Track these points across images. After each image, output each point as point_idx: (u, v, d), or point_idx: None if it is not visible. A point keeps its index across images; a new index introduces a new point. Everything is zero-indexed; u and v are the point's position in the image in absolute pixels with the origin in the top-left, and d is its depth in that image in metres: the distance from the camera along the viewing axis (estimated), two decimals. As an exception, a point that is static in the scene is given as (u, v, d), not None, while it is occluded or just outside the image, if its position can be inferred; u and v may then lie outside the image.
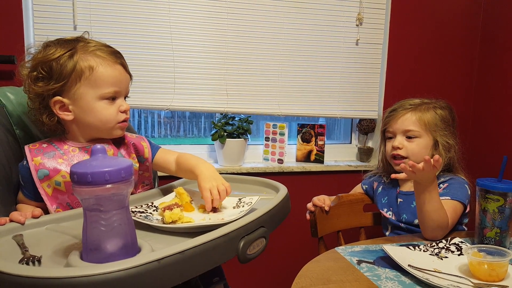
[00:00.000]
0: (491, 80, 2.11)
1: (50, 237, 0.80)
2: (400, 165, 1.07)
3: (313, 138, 2.04)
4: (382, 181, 1.38)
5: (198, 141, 2.11)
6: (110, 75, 0.96)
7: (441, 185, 1.20)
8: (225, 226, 0.75)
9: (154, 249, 0.70)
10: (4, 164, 1.00)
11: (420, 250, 0.99)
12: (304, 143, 2.06)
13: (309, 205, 1.32)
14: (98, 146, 0.67)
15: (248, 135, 1.93)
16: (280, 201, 0.91)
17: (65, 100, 0.95)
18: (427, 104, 1.28)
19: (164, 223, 0.84)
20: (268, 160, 2.02)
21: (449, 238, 1.07)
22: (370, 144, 2.16)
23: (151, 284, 0.61)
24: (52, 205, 0.97)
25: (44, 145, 0.99)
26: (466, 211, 1.20)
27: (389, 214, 1.30)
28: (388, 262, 0.93)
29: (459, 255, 0.97)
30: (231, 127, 1.89)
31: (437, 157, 1.00)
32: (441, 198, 1.12)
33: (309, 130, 2.04)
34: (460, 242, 1.04)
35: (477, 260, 0.86)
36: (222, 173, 1.76)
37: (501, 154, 1.08)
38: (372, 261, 0.95)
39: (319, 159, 2.03)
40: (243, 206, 0.92)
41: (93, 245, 0.66)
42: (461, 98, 2.18)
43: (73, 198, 0.98)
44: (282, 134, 1.97)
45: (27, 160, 0.96)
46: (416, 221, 1.21)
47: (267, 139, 2.01)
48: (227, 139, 1.85)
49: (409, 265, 0.88)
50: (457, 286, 0.81)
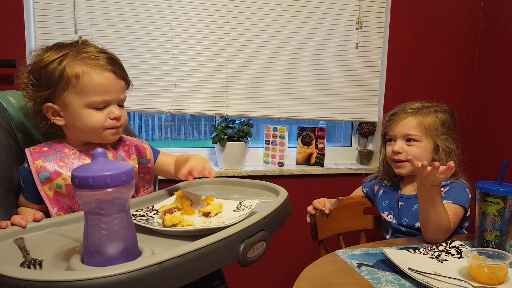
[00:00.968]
0: (491, 83, 2.11)
1: (51, 241, 0.80)
2: (408, 157, 1.10)
3: (313, 141, 2.04)
4: (383, 184, 1.38)
5: (198, 144, 2.12)
6: (97, 84, 0.94)
7: (442, 188, 1.20)
8: (225, 229, 0.75)
9: (154, 253, 0.70)
10: (6, 167, 1.01)
11: (420, 253, 0.99)
12: (305, 146, 2.06)
13: (310, 208, 1.32)
14: (99, 150, 0.68)
15: (249, 138, 1.93)
16: (280, 204, 0.92)
17: (56, 107, 0.97)
18: (428, 108, 1.28)
19: (164, 226, 0.84)
20: (269, 163, 2.02)
21: (449, 241, 1.07)
22: (370, 147, 2.16)
23: (151, 288, 0.61)
24: (54, 208, 0.97)
25: (45, 149, 1.00)
26: (467, 215, 1.21)
27: (390, 218, 1.31)
28: (388, 265, 0.93)
29: (459, 258, 0.98)
30: (232, 130, 1.90)
31: (452, 163, 0.98)
32: (443, 201, 1.12)
33: (309, 133, 2.05)
34: (460, 245, 1.04)
35: (477, 263, 0.86)
36: (223, 176, 1.77)
37: (501, 157, 1.08)
38: (372, 264, 0.95)
39: (320, 162, 2.03)
40: (243, 210, 0.92)
41: (94, 249, 0.66)
42: (461, 101, 2.18)
43: (74, 201, 0.98)
44: (282, 137, 1.97)
45: (28, 163, 0.97)
46: (417, 225, 1.21)
47: (267, 142, 2.02)
48: (227, 142, 1.86)
49: (409, 268, 0.88)
50: (457, 289, 0.81)
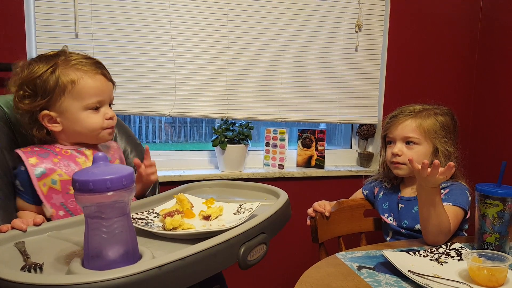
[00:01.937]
0: (490, 85, 2.11)
1: (51, 244, 0.80)
2: (408, 158, 1.10)
3: (314, 144, 2.04)
4: (383, 186, 1.38)
5: (199, 147, 2.12)
6: (92, 86, 1.00)
7: (442, 190, 1.20)
8: (226, 232, 0.75)
9: (155, 256, 0.70)
10: (6, 171, 1.01)
11: (420, 256, 1.00)
12: (305, 149, 2.06)
13: (310, 211, 1.33)
14: (100, 153, 0.68)
15: (249, 141, 1.93)
16: (280, 207, 0.92)
17: (52, 113, 1.00)
18: (428, 111, 1.28)
19: (165, 229, 0.84)
20: (269, 165, 2.02)
21: (449, 244, 1.07)
22: (370, 149, 2.16)
23: (152, 291, 0.61)
24: (48, 204, 0.98)
25: (36, 149, 1.02)
26: (467, 217, 1.21)
27: (390, 220, 1.31)
28: (389, 268, 0.93)
29: (459, 260, 0.98)
30: (232, 133, 1.90)
31: (452, 164, 0.99)
32: (443, 203, 1.12)
33: (310, 136, 2.05)
34: (460, 247, 1.05)
35: (477, 265, 0.86)
36: (223, 179, 1.77)
37: (501, 160, 1.08)
38: (372, 266, 0.95)
39: (320, 165, 2.03)
40: (243, 212, 0.93)
41: (94, 252, 0.66)
42: (460, 104, 2.19)
43: (68, 198, 0.99)
44: (282, 139, 1.97)
45: (23, 164, 0.97)
46: (417, 227, 1.21)
47: (267, 144, 2.02)
48: (227, 145, 1.86)
49: (409, 271, 0.88)
50: (457, 292, 0.81)
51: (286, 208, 0.96)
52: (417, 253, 1.01)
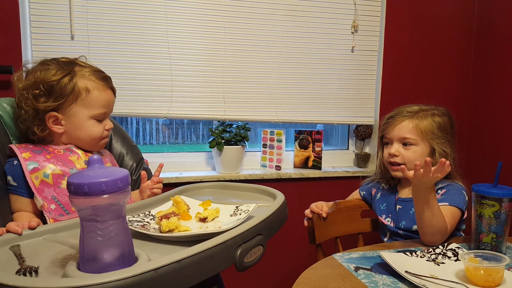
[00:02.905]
0: (486, 86, 2.12)
1: (47, 248, 0.80)
2: (401, 166, 1.11)
3: (311, 145, 2.04)
4: (381, 187, 1.38)
5: (196, 148, 2.12)
6: (103, 99, 1.09)
7: (439, 191, 1.20)
8: (222, 234, 0.75)
9: (151, 259, 0.70)
10: (1, 174, 1.01)
11: (417, 256, 1.00)
12: (302, 150, 2.06)
13: (307, 212, 1.32)
14: (95, 156, 0.68)
15: (246, 142, 1.93)
16: (277, 209, 0.92)
17: (59, 115, 1.06)
18: (425, 111, 1.28)
19: (161, 232, 0.84)
20: (266, 166, 2.02)
21: (445, 244, 1.07)
22: (367, 150, 2.16)
23: (148, 294, 0.61)
24: (39, 196, 0.99)
25: (30, 145, 1.06)
26: (464, 217, 1.21)
27: (388, 221, 1.31)
28: (386, 269, 0.93)
29: (455, 260, 0.98)
30: (229, 134, 1.90)
31: (443, 160, 1.01)
32: (439, 204, 1.12)
33: (307, 137, 2.05)
34: (456, 247, 1.05)
35: (473, 265, 0.87)
36: (220, 180, 1.77)
37: (497, 160, 1.09)
38: (369, 267, 0.95)
39: (317, 165, 2.04)
40: (240, 214, 0.92)
41: (90, 255, 0.66)
42: (456, 104, 2.19)
43: (59, 191, 1.01)
44: (279, 140, 1.97)
45: (17, 159, 1.00)
46: (415, 227, 1.22)
47: (264, 146, 2.02)
48: (224, 147, 1.86)
49: (406, 272, 0.88)
50: (454, 292, 0.81)
51: (283, 210, 0.96)
52: (414, 253, 1.01)
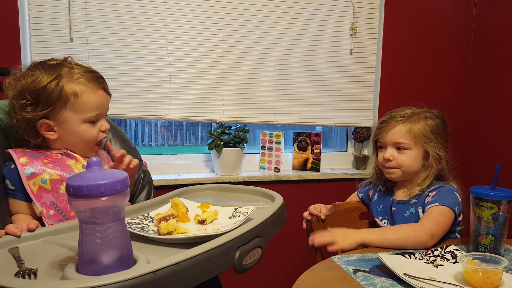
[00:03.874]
0: (484, 87, 2.13)
1: (46, 250, 0.80)
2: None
3: (309, 147, 2.05)
4: (378, 189, 1.39)
5: (194, 150, 2.12)
6: (93, 101, 1.04)
7: (430, 193, 1.21)
8: (221, 236, 0.75)
9: (149, 261, 0.70)
10: (0, 178, 1.01)
11: (416, 258, 1.00)
12: (300, 152, 2.07)
13: (306, 214, 1.33)
14: (94, 159, 0.68)
15: (245, 144, 1.93)
16: (276, 211, 0.92)
17: (51, 122, 1.03)
18: (418, 115, 1.28)
19: (159, 234, 0.84)
20: (265, 168, 2.03)
21: (444, 246, 1.07)
22: (365, 152, 2.17)
23: (147, 296, 0.61)
24: (37, 202, 0.98)
25: (28, 150, 1.04)
26: (459, 219, 1.21)
27: (384, 222, 1.31)
28: (384, 271, 0.93)
29: (454, 263, 0.98)
30: (228, 136, 1.90)
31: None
32: (430, 205, 1.15)
33: (305, 139, 2.05)
34: (455, 250, 1.05)
35: (472, 268, 0.87)
36: (219, 182, 1.77)
37: (495, 162, 1.09)
38: (368, 270, 0.95)
39: (316, 167, 2.04)
40: (238, 216, 0.93)
41: (88, 258, 0.66)
42: (454, 106, 2.20)
43: (58, 197, 1.00)
44: (278, 142, 1.97)
45: (14, 163, 0.99)
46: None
47: (263, 147, 2.02)
48: (223, 148, 1.86)
49: (404, 274, 0.88)
50: (452, 294, 0.81)
51: (282, 212, 0.96)
52: (412, 256, 1.01)
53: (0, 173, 1.02)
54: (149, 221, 0.94)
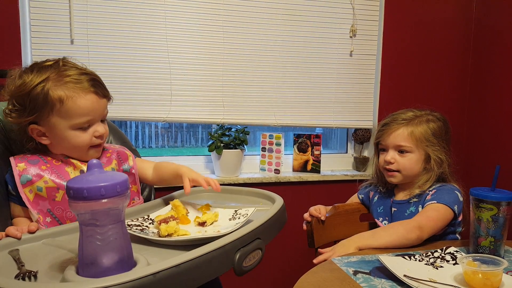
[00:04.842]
0: (484, 90, 2.13)
1: (46, 252, 0.80)
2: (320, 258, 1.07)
3: (310, 148, 2.05)
4: (378, 190, 1.39)
5: (195, 152, 2.12)
6: (81, 107, 0.97)
7: (429, 192, 1.22)
8: (221, 238, 0.75)
9: (149, 263, 0.70)
10: (1, 180, 1.01)
11: (416, 260, 1.00)
12: (301, 153, 2.07)
13: (306, 215, 1.33)
14: (94, 161, 0.68)
15: (245, 146, 1.94)
16: (276, 213, 0.92)
17: (41, 128, 0.99)
18: (420, 118, 1.28)
19: (160, 236, 0.84)
20: (265, 170, 2.03)
21: (444, 247, 1.07)
22: (365, 153, 2.17)
23: (146, 298, 0.61)
24: (34, 210, 0.98)
25: (28, 155, 1.03)
26: (459, 219, 1.21)
27: (384, 224, 1.31)
28: (384, 272, 0.93)
29: (454, 264, 0.98)
30: (228, 138, 1.90)
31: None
32: (428, 203, 1.16)
33: (306, 140, 2.05)
34: (455, 251, 1.05)
35: (472, 269, 0.87)
36: (219, 184, 1.76)
37: (494, 164, 1.09)
38: (368, 271, 0.95)
39: (316, 169, 2.04)
40: (239, 218, 0.93)
41: (89, 260, 0.66)
42: (454, 108, 2.20)
43: (54, 205, 0.99)
44: (278, 144, 1.98)
45: (12, 168, 0.98)
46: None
47: (263, 149, 2.02)
48: (223, 150, 1.86)
49: (404, 275, 0.88)
50: (452, 296, 0.81)
51: (282, 213, 0.96)
52: (412, 257, 1.01)
53: (3, 177, 1.02)
54: (149, 223, 0.94)
